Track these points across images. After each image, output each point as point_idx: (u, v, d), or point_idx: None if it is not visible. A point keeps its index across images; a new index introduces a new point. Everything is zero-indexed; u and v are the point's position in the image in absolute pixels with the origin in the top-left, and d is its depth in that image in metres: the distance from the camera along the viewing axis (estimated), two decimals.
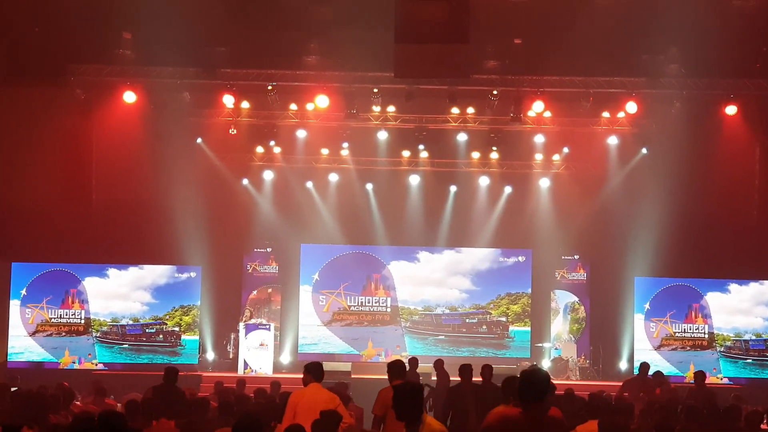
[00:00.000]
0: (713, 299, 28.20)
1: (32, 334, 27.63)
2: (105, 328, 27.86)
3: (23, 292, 27.69)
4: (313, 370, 13.30)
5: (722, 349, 27.95)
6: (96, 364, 27.54)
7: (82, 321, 27.87)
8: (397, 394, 8.40)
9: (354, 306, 29.87)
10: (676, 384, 20.90)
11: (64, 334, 27.74)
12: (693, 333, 28.17)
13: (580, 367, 28.18)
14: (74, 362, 27.57)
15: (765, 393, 23.96)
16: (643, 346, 27.90)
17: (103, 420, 8.39)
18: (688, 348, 28.06)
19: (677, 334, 28.14)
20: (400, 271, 29.96)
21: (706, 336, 28.10)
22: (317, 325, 29.59)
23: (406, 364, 18.22)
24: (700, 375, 20.21)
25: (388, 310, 29.90)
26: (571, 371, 27.81)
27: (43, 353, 27.56)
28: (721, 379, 27.59)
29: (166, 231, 27.62)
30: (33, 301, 27.76)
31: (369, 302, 29.92)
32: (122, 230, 28.17)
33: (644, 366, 21.13)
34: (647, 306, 28.18)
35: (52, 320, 27.79)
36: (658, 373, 20.88)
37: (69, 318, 27.88)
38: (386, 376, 22.72)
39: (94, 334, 27.74)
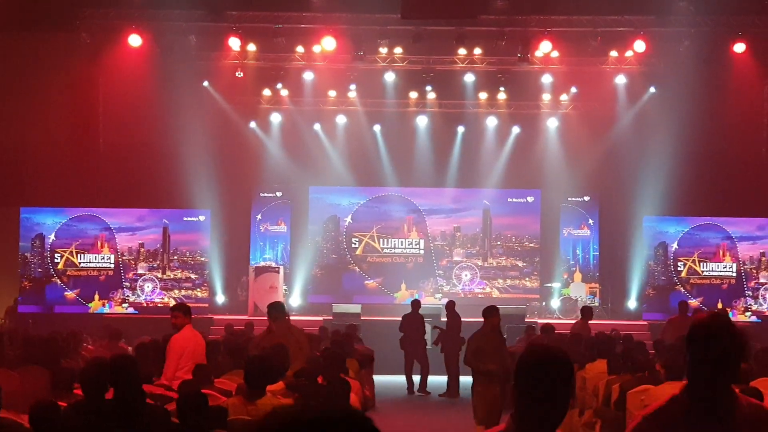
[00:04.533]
0: (739, 237, 28.26)
1: (62, 278, 27.82)
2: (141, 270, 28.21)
3: (52, 237, 27.84)
4: (187, 310, 12.91)
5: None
6: (126, 308, 27.71)
7: (112, 265, 28.03)
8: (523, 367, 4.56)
9: (387, 248, 29.96)
10: None
11: (93, 278, 27.97)
12: (721, 271, 28.19)
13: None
14: (104, 306, 27.74)
15: None
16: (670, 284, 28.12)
17: (115, 364, 8.45)
18: (716, 286, 28.13)
19: (705, 273, 28.17)
20: (431, 213, 30.14)
21: (734, 274, 28.12)
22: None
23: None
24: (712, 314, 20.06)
25: (422, 251, 29.99)
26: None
27: (72, 297, 27.79)
28: (749, 317, 27.62)
29: (175, 175, 27.61)
30: (62, 245, 27.91)
31: (402, 244, 30.02)
32: (130, 174, 28.19)
33: (682, 305, 20.95)
34: (675, 245, 28.21)
35: (81, 264, 27.95)
36: (696, 311, 20.73)
37: (99, 262, 28.04)
38: (397, 318, 23.04)
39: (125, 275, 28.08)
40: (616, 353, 13.25)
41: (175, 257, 28.34)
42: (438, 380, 21.79)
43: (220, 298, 28.66)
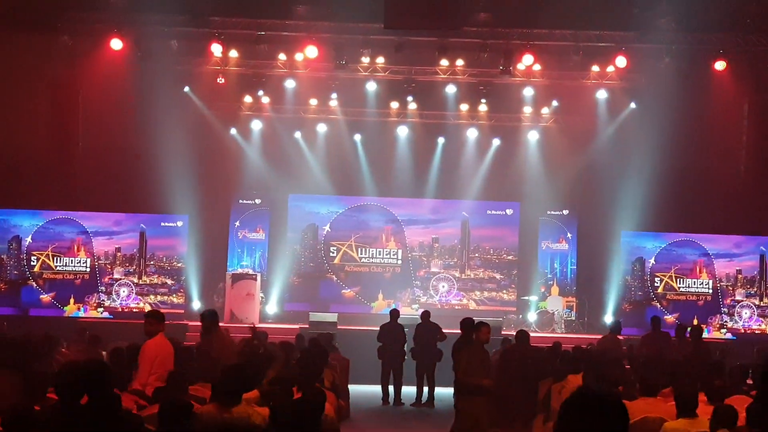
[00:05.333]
0: (716, 254, 28.35)
1: (38, 281, 27.68)
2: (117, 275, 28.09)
3: (28, 239, 27.71)
4: (161, 317, 12.97)
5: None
6: (101, 313, 27.58)
7: (88, 269, 27.92)
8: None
9: (365, 257, 29.91)
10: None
11: (69, 281, 27.84)
12: (697, 288, 28.26)
13: (566, 320, 28.28)
14: (80, 310, 27.60)
15: (752, 347, 24.02)
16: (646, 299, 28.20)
17: (89, 370, 8.38)
18: (692, 302, 28.20)
19: (681, 289, 28.23)
20: (409, 223, 30.11)
21: (711, 291, 28.19)
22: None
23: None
24: (694, 330, 19.94)
25: (399, 261, 29.94)
26: (557, 324, 27.92)
27: (48, 300, 27.65)
28: (725, 334, 27.70)
29: (153, 180, 27.51)
30: (38, 248, 27.79)
31: (380, 254, 29.96)
32: (109, 178, 28.09)
33: (655, 320, 20.83)
34: (652, 260, 28.28)
35: (57, 268, 27.83)
36: (679, 327, 20.74)
37: (75, 266, 27.92)
38: (373, 327, 23.00)
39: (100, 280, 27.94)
40: (592, 368, 13.25)
41: (152, 262, 28.23)
42: (411, 390, 21.76)
43: (196, 305, 28.51)
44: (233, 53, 27.25)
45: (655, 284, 28.26)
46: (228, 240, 29.59)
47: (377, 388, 21.87)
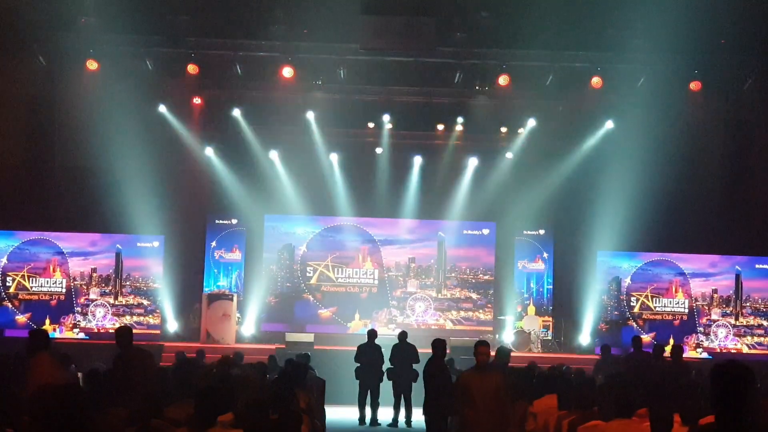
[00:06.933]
0: (691, 274, 28.46)
1: (13, 302, 27.56)
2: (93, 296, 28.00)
3: (4, 260, 27.61)
4: (43, 337, 12.80)
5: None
6: (77, 333, 27.46)
7: (64, 289, 27.81)
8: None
9: (341, 278, 29.87)
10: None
11: (45, 302, 27.73)
12: (673, 307, 28.34)
13: (542, 339, 28.29)
14: (55, 331, 27.47)
15: None
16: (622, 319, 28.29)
17: (62, 393, 8.33)
18: (668, 321, 28.28)
19: (657, 308, 28.31)
20: (386, 243, 30.10)
21: (686, 310, 28.28)
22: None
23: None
24: (675, 349, 19.94)
25: (376, 282, 29.92)
26: (533, 344, 27.93)
27: (23, 321, 27.53)
28: (701, 353, 27.78)
29: (129, 200, 27.47)
30: (14, 269, 27.68)
31: (356, 274, 29.92)
32: (84, 198, 28.00)
33: (636, 340, 20.73)
34: (628, 280, 28.37)
35: (33, 288, 27.71)
36: (657, 347, 20.73)
37: (50, 286, 27.80)
38: (349, 348, 22.92)
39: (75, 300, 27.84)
40: (567, 388, 13.22)
41: (128, 283, 28.16)
42: (388, 411, 21.71)
43: (173, 325, 28.44)
44: (209, 73, 27.23)
45: (632, 304, 28.34)
46: (204, 260, 29.51)
47: (354, 409, 21.81)
